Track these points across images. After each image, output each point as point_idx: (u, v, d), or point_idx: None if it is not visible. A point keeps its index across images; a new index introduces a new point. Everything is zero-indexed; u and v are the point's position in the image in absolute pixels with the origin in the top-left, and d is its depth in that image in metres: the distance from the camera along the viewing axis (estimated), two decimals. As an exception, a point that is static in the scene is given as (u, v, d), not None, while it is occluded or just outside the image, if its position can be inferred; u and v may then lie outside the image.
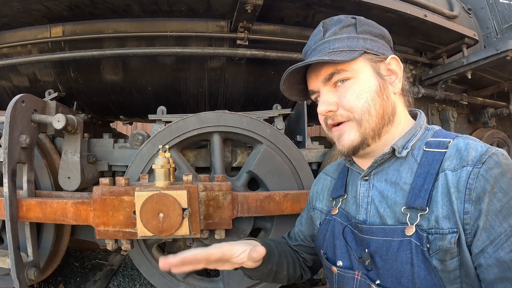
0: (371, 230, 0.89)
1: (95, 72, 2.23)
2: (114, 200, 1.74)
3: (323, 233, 1.07)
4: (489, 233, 0.72)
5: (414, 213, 0.81)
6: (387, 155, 0.90)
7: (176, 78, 2.28)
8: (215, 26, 2.12)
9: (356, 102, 0.88)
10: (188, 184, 1.73)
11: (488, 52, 2.19)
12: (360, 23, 0.93)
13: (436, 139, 0.88)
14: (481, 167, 0.75)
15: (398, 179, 0.88)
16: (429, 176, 0.82)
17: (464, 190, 0.75)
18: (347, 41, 0.91)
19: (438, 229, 0.77)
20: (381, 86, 0.90)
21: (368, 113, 0.88)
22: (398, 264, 0.81)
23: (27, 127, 1.86)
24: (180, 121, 1.97)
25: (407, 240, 0.80)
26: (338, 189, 1.08)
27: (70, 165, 2.01)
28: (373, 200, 0.93)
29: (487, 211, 0.73)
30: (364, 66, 0.90)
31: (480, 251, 0.73)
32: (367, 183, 0.96)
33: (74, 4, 1.93)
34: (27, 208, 1.82)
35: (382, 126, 0.90)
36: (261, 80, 2.34)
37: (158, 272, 2.02)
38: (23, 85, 2.35)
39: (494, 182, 0.73)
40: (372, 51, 0.91)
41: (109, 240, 1.80)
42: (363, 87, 0.89)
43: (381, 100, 0.89)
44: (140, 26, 2.09)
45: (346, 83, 0.90)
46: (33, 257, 1.91)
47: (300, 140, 2.31)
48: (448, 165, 0.80)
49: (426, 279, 0.77)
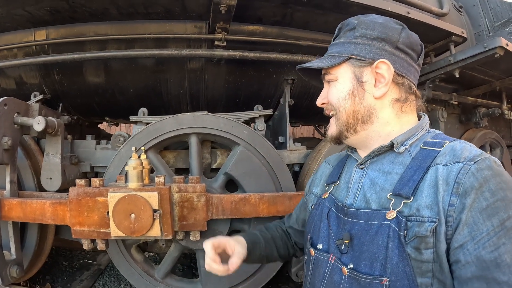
0: (356, 213, 0.92)
1: (78, 74, 2.26)
2: (89, 200, 1.77)
3: (313, 217, 1.11)
4: (471, 228, 0.73)
5: (399, 200, 0.84)
6: (385, 148, 0.94)
7: (157, 80, 2.29)
8: (194, 28, 2.12)
9: (333, 99, 1.01)
10: (160, 186, 1.74)
11: (476, 50, 2.11)
12: (360, 26, 0.98)
13: (434, 140, 0.91)
14: (472, 165, 0.76)
15: (391, 169, 0.92)
16: (420, 169, 0.85)
17: (453, 184, 0.76)
18: (340, 47, 1.00)
19: (417, 217, 0.79)
20: (354, 89, 0.98)
21: (339, 109, 1.00)
22: (373, 246, 0.83)
23: (10, 129, 1.90)
24: (158, 123, 1.98)
25: (387, 224, 0.82)
26: (333, 176, 1.13)
27: (51, 166, 2.04)
28: (363, 186, 0.97)
29: (471, 207, 0.73)
30: (345, 71, 0.99)
31: (460, 246, 0.74)
32: (361, 171, 1.00)
33: (54, 9, 1.96)
34: (9, 207, 1.87)
35: (355, 123, 0.98)
36: (241, 81, 2.33)
37: (136, 272, 2.04)
38: (10, 88, 2.40)
39: (484, 182, 0.74)
40: (358, 56, 0.96)
41: (85, 239, 1.83)
42: (338, 88, 1.00)
43: (352, 102, 0.98)
44: (120, 29, 2.11)
45: (331, 83, 1.02)
46: (16, 255, 1.96)
47: (282, 141, 2.29)
48: (441, 160, 0.83)
49: (398, 266, 0.78)
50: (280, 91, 2.41)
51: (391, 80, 0.94)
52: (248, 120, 2.16)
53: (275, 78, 2.37)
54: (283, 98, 2.26)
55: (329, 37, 1.10)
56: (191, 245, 1.99)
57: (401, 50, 0.95)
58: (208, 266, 1.08)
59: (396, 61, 0.95)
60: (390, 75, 0.93)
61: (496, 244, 0.71)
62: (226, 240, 1.14)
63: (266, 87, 2.42)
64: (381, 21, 0.96)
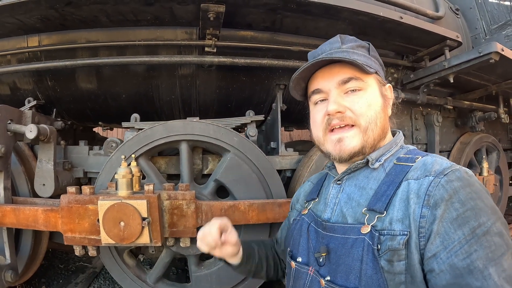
0: (333, 227, 0.94)
1: (71, 80, 2.28)
2: (79, 208, 1.79)
3: (292, 232, 1.14)
4: (443, 238, 0.74)
5: (373, 214, 0.86)
6: (361, 164, 0.97)
7: (149, 86, 2.30)
8: (184, 34, 2.12)
9: (367, 110, 0.94)
10: (149, 194, 1.75)
11: (471, 55, 2.09)
12: (372, 49, 1.03)
13: (407, 155, 0.94)
14: (442, 178, 0.78)
15: (365, 184, 0.94)
16: (392, 184, 0.87)
17: (424, 196, 0.78)
18: (364, 58, 0.97)
19: (390, 230, 0.81)
20: (383, 105, 0.99)
21: (375, 123, 0.95)
22: (349, 260, 0.85)
23: (3, 136, 1.92)
24: (148, 130, 1.99)
25: (361, 238, 0.84)
26: (313, 193, 1.15)
27: (44, 173, 2.06)
28: (340, 202, 0.99)
29: (442, 217, 0.75)
30: (374, 84, 0.98)
31: (433, 256, 0.75)
32: (339, 187, 1.02)
33: (45, 17, 1.97)
34: (3, 214, 1.90)
35: (380, 139, 0.97)
36: (233, 86, 2.32)
37: (129, 276, 2.06)
38: (4, 93, 2.42)
39: (453, 193, 0.76)
40: (380, 75, 1.01)
41: (77, 246, 1.85)
42: (374, 100, 0.96)
43: (384, 116, 0.98)
44: (111, 36, 2.12)
45: (358, 92, 0.95)
46: (10, 260, 1.98)
47: (274, 147, 2.29)
48: (412, 175, 0.85)
49: (372, 278, 0.80)
50: (272, 96, 2.40)
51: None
52: (240, 126, 2.16)
53: (267, 84, 2.37)
54: (275, 104, 2.25)
55: (321, 42, 1.07)
56: (182, 251, 2.00)
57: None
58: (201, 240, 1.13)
59: None
60: (392, 98, 1.02)
61: (468, 252, 0.72)
62: (230, 226, 1.16)
63: (258, 93, 2.41)
64: None
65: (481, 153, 2.91)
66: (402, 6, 2.24)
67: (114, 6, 1.84)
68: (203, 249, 1.15)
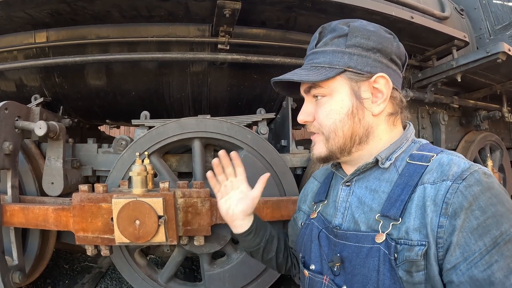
0: (345, 235, 0.90)
1: (79, 77, 2.25)
2: (92, 206, 1.76)
3: (302, 237, 1.09)
4: (463, 249, 0.71)
5: (387, 221, 0.81)
6: (370, 165, 0.90)
7: (159, 83, 2.28)
8: (197, 31, 2.11)
9: (325, 120, 0.91)
10: (164, 192, 1.73)
11: (478, 55, 2.13)
12: (352, 35, 0.88)
13: (420, 152, 0.87)
14: (461, 183, 0.73)
15: (377, 187, 0.89)
16: (407, 187, 0.81)
17: (441, 204, 0.74)
18: (331, 56, 0.89)
19: (407, 240, 0.77)
20: (354, 108, 0.89)
21: (335, 133, 0.90)
22: (365, 270, 0.81)
23: (11, 133, 1.87)
24: (161, 127, 1.97)
25: (376, 247, 0.80)
26: (321, 194, 1.10)
27: (53, 171, 2.02)
28: (350, 206, 0.93)
29: (462, 227, 0.71)
30: (341, 85, 0.89)
31: (453, 267, 0.72)
32: (348, 189, 0.97)
33: (55, 11, 1.94)
34: (11, 213, 1.85)
35: (351, 146, 0.91)
36: (244, 84, 2.32)
37: (140, 276, 2.04)
38: (10, 90, 2.37)
39: (473, 200, 0.71)
40: (355, 69, 0.87)
41: (89, 245, 1.82)
42: (333, 107, 0.90)
43: (352, 123, 0.89)
44: (122, 32, 2.09)
45: (321, 100, 0.92)
46: (18, 261, 1.93)
47: (284, 145, 2.29)
48: (428, 178, 0.79)
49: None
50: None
51: (389, 95, 0.88)
52: (251, 124, 2.15)
53: (278, 82, 2.36)
54: (286, 102, 2.25)
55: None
56: (195, 250, 1.99)
57: (393, 62, 0.90)
58: None
59: (391, 74, 0.89)
60: (388, 90, 0.88)
61: (488, 262, 0.69)
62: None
63: (268, 91, 2.41)
64: (373, 29, 0.90)
65: (485, 152, 2.97)
66: (411, 6, 2.27)
67: (129, 0, 1.82)
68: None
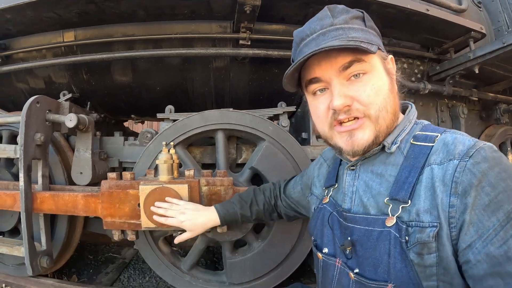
0: (355, 218, 0.91)
1: (106, 74, 2.34)
2: (120, 193, 1.83)
3: (315, 221, 1.11)
4: (477, 227, 0.70)
5: (396, 204, 0.81)
6: (376, 151, 0.90)
7: (183, 78, 2.36)
8: (218, 27, 2.18)
9: (375, 98, 0.85)
10: (189, 179, 1.79)
11: (495, 46, 2.14)
12: (367, 18, 0.90)
13: (424, 133, 0.87)
14: (468, 160, 0.73)
15: (384, 171, 0.89)
16: (414, 169, 0.81)
17: (450, 184, 0.74)
18: (362, 33, 0.86)
19: (418, 222, 0.77)
20: (390, 84, 0.89)
21: (386, 110, 0.86)
22: (376, 253, 0.82)
23: (42, 126, 1.97)
24: (185, 119, 2.03)
25: (387, 230, 0.81)
26: (330, 179, 1.11)
27: (82, 161, 2.12)
28: (357, 190, 0.95)
29: (473, 205, 0.71)
30: (378, 62, 0.88)
31: (468, 246, 0.71)
32: (353, 173, 0.98)
33: (84, 11, 2.03)
34: (41, 200, 1.93)
35: (393, 123, 0.89)
36: (265, 78, 2.38)
37: (163, 263, 2.09)
38: (39, 87, 2.49)
39: (482, 177, 0.71)
40: (381, 48, 0.89)
41: (116, 230, 1.89)
42: (380, 83, 0.86)
43: (393, 98, 0.88)
44: (147, 30, 2.18)
45: (363, 78, 0.85)
46: (46, 246, 2.02)
47: (305, 137, 2.33)
48: (435, 159, 0.79)
49: (401, 271, 0.77)
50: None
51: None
52: (272, 117, 2.20)
53: (298, 76, 2.41)
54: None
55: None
56: (217, 237, 2.03)
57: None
58: None
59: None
60: (394, 71, 0.91)
61: (504, 238, 0.68)
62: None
63: (289, 85, 2.45)
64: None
65: (506, 146, 2.94)
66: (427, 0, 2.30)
67: (154, 0, 1.91)
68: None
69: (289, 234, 2.01)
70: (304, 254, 2.07)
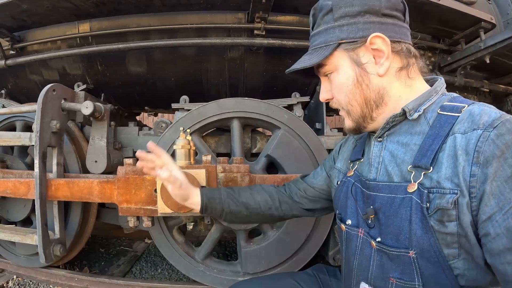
0: (378, 186, 0.92)
1: (121, 64, 2.36)
2: (136, 179, 1.82)
3: (339, 194, 1.11)
4: (498, 199, 0.70)
5: (419, 171, 0.82)
6: (398, 117, 0.90)
7: (198, 69, 2.37)
8: (233, 18, 2.20)
9: (339, 95, 0.96)
10: (207, 164, 1.79)
11: (505, 35, 2.15)
12: (336, 7, 0.91)
13: (451, 103, 0.86)
14: (491, 131, 0.72)
15: (409, 140, 0.89)
16: (438, 137, 0.81)
17: (473, 153, 0.73)
18: (324, 35, 0.93)
19: (439, 188, 0.77)
20: (358, 76, 0.91)
21: (350, 104, 0.94)
22: (397, 220, 0.83)
23: (58, 113, 1.98)
24: (201, 107, 2.04)
25: (409, 197, 0.81)
26: (357, 153, 1.11)
27: (97, 150, 2.12)
28: (384, 160, 0.94)
29: (495, 176, 0.70)
30: (341, 58, 0.92)
31: (488, 218, 0.71)
32: (380, 144, 0.98)
33: (100, 1, 2.04)
34: (56, 187, 1.92)
35: (370, 112, 0.94)
36: (279, 69, 2.39)
37: (177, 252, 2.08)
38: (53, 79, 2.50)
39: (505, 148, 0.70)
40: (348, 39, 0.90)
41: (131, 217, 1.88)
42: (341, 81, 0.94)
43: (360, 90, 0.92)
44: (162, 20, 2.20)
45: (331, 76, 0.96)
46: (59, 235, 2.01)
47: (319, 128, 2.33)
48: (459, 128, 0.78)
49: (422, 238, 0.78)
50: (316, 78, 2.44)
51: (391, 51, 0.88)
52: (286, 107, 2.21)
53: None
54: (319, 86, 2.31)
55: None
56: (233, 226, 2.03)
57: (388, 16, 0.89)
58: None
59: (387, 29, 0.88)
60: (388, 47, 0.88)
61: None
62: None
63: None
64: None
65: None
66: (437, -9, 2.32)
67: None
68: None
69: (304, 223, 2.00)
70: (319, 243, 2.06)
